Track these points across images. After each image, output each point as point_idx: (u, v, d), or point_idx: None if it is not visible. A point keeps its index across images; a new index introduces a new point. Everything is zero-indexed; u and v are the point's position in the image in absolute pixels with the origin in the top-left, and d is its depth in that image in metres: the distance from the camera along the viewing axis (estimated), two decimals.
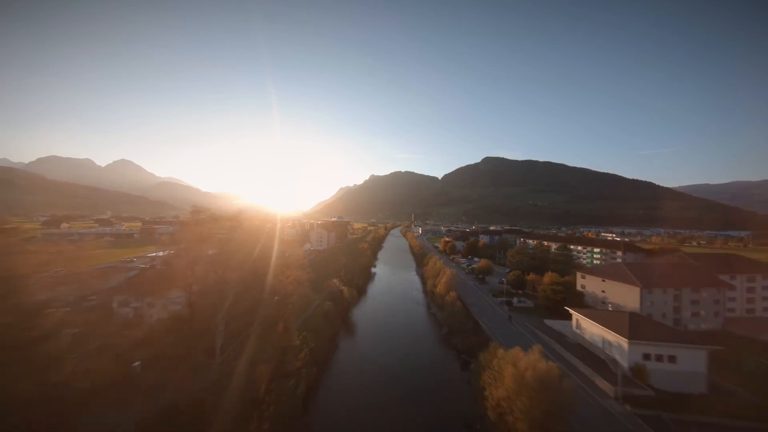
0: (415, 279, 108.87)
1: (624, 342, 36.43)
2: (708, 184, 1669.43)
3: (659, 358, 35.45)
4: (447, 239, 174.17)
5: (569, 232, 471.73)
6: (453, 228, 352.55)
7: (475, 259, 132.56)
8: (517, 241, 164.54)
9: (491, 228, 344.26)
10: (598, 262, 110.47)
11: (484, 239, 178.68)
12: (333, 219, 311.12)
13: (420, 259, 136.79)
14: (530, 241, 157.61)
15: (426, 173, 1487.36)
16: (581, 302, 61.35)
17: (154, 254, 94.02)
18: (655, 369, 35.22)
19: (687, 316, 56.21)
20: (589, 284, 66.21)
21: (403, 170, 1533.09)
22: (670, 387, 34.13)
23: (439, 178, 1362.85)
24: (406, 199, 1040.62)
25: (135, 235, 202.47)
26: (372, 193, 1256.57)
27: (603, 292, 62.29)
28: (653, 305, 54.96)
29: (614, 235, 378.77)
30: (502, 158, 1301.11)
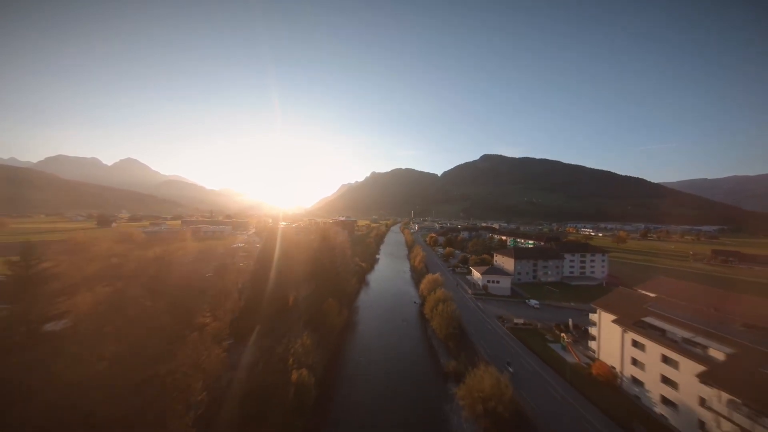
0: (406, 262, 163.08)
1: (480, 276, 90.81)
2: (705, 179, 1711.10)
3: (494, 281, 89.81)
4: (432, 235, 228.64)
5: (555, 228, 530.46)
6: (445, 225, 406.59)
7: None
8: (486, 236, 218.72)
9: (482, 225, 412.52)
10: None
11: (463, 235, 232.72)
12: (342, 218, 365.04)
13: (411, 249, 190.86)
14: (496, 236, 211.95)
15: (426, 170, 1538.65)
16: None
17: (238, 245, 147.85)
18: (491, 286, 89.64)
19: (540, 274, 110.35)
20: (498, 259, 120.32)
21: (403, 167, 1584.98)
22: (496, 292, 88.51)
23: (439, 175, 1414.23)
24: (406, 197, 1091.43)
25: (184, 232, 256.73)
26: (373, 190, 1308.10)
27: (503, 263, 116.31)
28: (522, 267, 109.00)
29: (590, 231, 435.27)
30: (501, 156, 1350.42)
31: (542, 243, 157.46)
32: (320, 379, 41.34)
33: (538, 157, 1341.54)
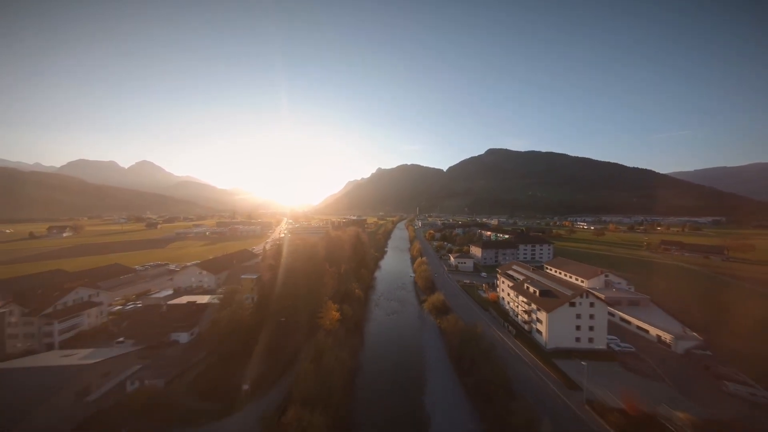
0: (408, 254, 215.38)
1: (454, 259, 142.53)
2: (725, 167, 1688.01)
3: (462, 262, 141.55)
4: (431, 231, 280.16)
5: (554, 222, 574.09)
6: (447, 222, 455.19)
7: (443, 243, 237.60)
8: (476, 232, 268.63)
9: (482, 220, 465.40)
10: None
11: (457, 231, 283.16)
12: (353, 217, 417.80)
13: (412, 243, 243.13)
14: (484, 232, 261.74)
15: (432, 166, 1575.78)
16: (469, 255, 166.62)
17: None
18: (461, 265, 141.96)
19: (501, 259, 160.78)
20: (472, 249, 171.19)
21: (409, 163, 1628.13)
22: (464, 269, 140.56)
23: (444, 170, 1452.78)
24: (412, 192, 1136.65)
25: (225, 232, 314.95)
26: (379, 186, 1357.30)
27: (475, 251, 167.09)
28: (487, 254, 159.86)
29: (584, 224, 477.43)
30: (506, 150, 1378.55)
31: (513, 237, 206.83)
32: (362, 300, 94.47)
33: (543, 150, 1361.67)
